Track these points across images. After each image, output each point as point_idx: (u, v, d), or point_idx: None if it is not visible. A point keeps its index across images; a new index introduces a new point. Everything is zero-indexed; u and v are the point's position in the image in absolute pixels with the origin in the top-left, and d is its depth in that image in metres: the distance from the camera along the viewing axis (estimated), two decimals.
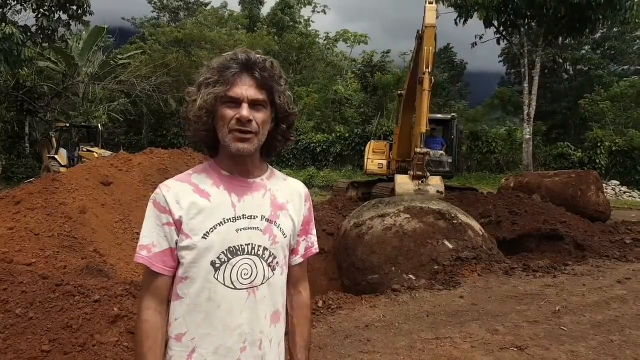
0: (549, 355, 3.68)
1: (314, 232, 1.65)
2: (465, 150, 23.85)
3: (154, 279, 1.39)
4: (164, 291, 1.40)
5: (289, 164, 25.51)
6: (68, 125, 18.57)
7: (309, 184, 19.72)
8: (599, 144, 21.89)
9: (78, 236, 5.68)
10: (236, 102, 1.35)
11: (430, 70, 9.00)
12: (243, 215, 1.40)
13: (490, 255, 6.22)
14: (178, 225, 1.37)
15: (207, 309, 1.37)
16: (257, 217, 1.42)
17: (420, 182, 8.87)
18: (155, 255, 1.37)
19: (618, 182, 20.38)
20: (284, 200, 1.50)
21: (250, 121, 1.35)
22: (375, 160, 13.93)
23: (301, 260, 1.60)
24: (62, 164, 16.16)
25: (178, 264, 1.40)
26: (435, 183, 8.85)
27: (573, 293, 5.16)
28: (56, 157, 16.77)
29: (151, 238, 1.38)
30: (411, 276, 5.75)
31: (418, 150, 9.02)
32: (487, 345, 3.85)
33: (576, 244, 7.67)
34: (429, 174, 9.09)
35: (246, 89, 1.35)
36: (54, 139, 17.78)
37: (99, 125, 18.81)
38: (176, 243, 1.38)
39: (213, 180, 1.42)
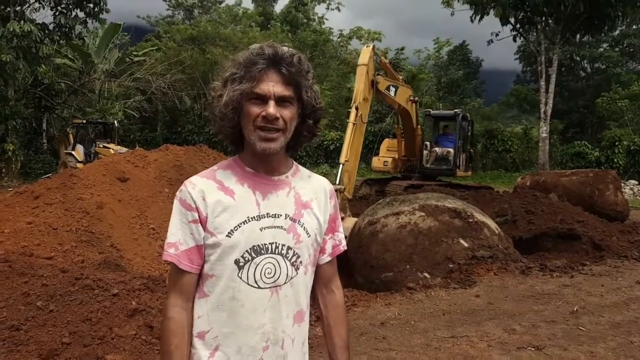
0: (567, 355, 3.64)
1: (341, 229, 1.62)
2: (480, 149, 23.66)
3: (180, 277, 1.38)
4: (190, 288, 1.39)
5: (302, 161, 25.50)
6: (84, 121, 18.77)
7: None
8: (616, 143, 21.53)
9: (95, 231, 5.76)
10: (262, 99, 1.32)
11: (356, 104, 9.02)
12: (267, 213, 1.39)
13: (506, 254, 6.16)
14: (204, 222, 1.36)
15: (230, 307, 1.37)
16: (280, 215, 1.41)
17: None
18: (182, 252, 1.36)
19: (636, 182, 20.05)
20: (308, 199, 1.48)
21: (277, 118, 1.32)
22: (382, 157, 13.96)
23: (329, 258, 1.58)
24: (79, 160, 16.38)
25: (204, 260, 1.40)
26: (345, 226, 7.18)
27: (591, 293, 5.10)
28: (73, 153, 16.99)
29: (177, 236, 1.37)
30: (426, 274, 5.72)
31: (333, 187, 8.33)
32: (504, 345, 3.82)
33: (594, 243, 7.56)
34: (342, 215, 7.75)
35: (272, 85, 1.32)
36: (70, 135, 18.01)
37: (115, 121, 18.98)
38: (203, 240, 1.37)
39: (237, 177, 1.41)
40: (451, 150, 13.39)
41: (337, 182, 8.17)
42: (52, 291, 3.81)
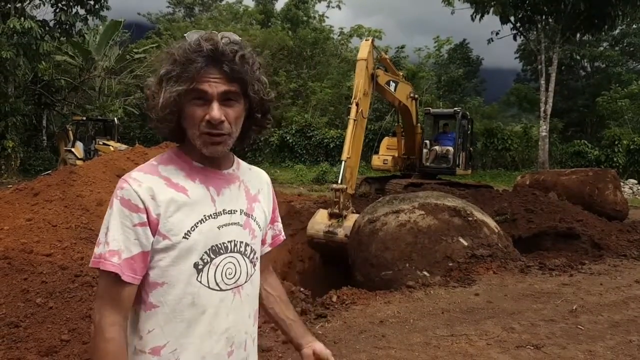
0: (566, 354, 3.64)
1: (279, 219, 1.58)
2: (480, 147, 23.65)
3: (120, 290, 1.20)
4: (129, 303, 1.23)
5: (302, 159, 25.52)
6: (84, 118, 18.79)
7: (321, 180, 19.72)
8: (616, 142, 21.54)
9: (95, 228, 5.75)
10: (205, 99, 1.19)
11: (357, 100, 8.76)
12: (223, 210, 1.30)
13: (505, 253, 6.17)
14: (154, 225, 1.20)
15: (190, 315, 1.25)
16: (236, 211, 1.33)
17: (337, 221, 7.78)
18: (125, 262, 1.19)
19: (636, 181, 20.05)
20: (255, 191, 1.42)
21: (222, 122, 1.20)
22: (381, 156, 13.96)
23: (269, 249, 1.55)
24: (79, 157, 16.39)
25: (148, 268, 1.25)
26: (348, 224, 7.52)
27: (590, 292, 5.11)
28: (73, 150, 17.00)
29: (119, 242, 1.19)
30: (425, 273, 5.73)
31: (335, 185, 8.04)
32: (503, 343, 3.83)
33: (593, 242, 7.57)
34: (345, 213, 7.85)
35: (214, 84, 1.19)
36: (70, 132, 18.01)
37: (115, 118, 18.99)
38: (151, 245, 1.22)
39: (185, 172, 1.28)
40: (451, 148, 13.38)
41: (340, 181, 8.08)
42: (51, 288, 3.81)
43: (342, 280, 6.00)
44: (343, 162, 8.31)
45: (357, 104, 8.77)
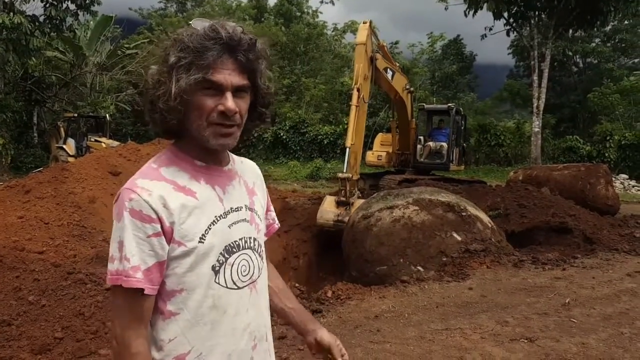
0: (559, 347, 3.67)
1: (272, 207, 1.58)
2: (473, 143, 23.72)
3: (141, 303, 1.18)
4: (149, 314, 1.21)
5: (296, 155, 25.48)
6: (76, 115, 18.65)
7: (315, 176, 19.71)
8: (608, 138, 21.70)
9: (87, 225, 5.73)
10: (217, 89, 1.17)
11: (358, 86, 8.69)
12: (230, 208, 1.30)
13: (498, 247, 6.20)
14: (168, 233, 1.17)
15: (212, 318, 1.24)
16: (241, 208, 1.33)
17: (344, 209, 7.92)
18: (144, 274, 1.16)
19: (627, 176, 20.22)
20: (252, 185, 1.42)
21: (235, 113, 1.19)
22: (375, 152, 13.96)
23: (265, 238, 1.51)
24: (70, 154, 16.30)
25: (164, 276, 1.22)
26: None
27: (582, 286, 5.14)
28: (64, 146, 16.91)
29: (137, 256, 1.15)
30: (419, 268, 5.75)
31: (340, 175, 8.12)
32: (497, 336, 3.84)
33: (585, 237, 7.62)
34: (352, 200, 7.98)
35: (229, 74, 1.17)
36: (62, 129, 17.91)
37: (107, 115, 18.88)
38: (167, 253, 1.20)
39: (189, 174, 1.25)
40: (445, 144, 13.41)
41: (345, 169, 8.11)
42: (44, 286, 3.78)
43: (337, 276, 6.01)
44: (347, 149, 8.32)
45: (358, 90, 8.72)
